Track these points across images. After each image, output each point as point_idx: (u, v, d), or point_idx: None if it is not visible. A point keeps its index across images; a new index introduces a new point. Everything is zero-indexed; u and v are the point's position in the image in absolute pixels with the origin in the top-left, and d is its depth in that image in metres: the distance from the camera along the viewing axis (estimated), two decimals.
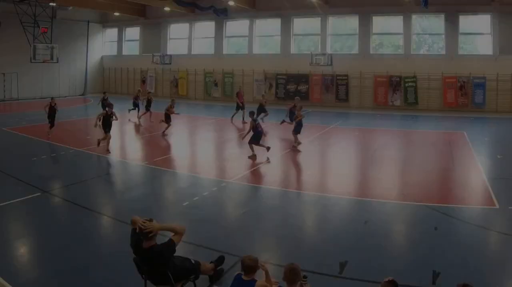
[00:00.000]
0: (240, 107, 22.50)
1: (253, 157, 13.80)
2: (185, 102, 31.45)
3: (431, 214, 8.93)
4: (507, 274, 6.54)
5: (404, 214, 9.23)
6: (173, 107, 18.64)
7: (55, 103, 17.24)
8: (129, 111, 22.64)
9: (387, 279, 4.23)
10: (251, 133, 13.93)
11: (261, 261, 4.89)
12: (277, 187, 11.07)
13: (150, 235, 4.98)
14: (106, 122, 14.56)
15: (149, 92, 22.95)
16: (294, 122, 16.18)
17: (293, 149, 15.24)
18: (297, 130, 15.50)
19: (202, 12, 31.50)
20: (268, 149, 13.99)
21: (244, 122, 21.44)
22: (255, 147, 13.92)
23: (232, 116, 22.34)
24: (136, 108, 22.39)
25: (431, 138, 18.20)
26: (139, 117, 21.54)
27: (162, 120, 18.47)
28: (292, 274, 4.40)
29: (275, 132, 18.97)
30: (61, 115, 18.81)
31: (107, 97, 21.26)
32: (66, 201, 9.68)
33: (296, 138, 15.48)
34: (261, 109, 20.62)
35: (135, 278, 5.42)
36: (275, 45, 31.45)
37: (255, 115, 14.84)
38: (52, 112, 16.96)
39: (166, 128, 18.22)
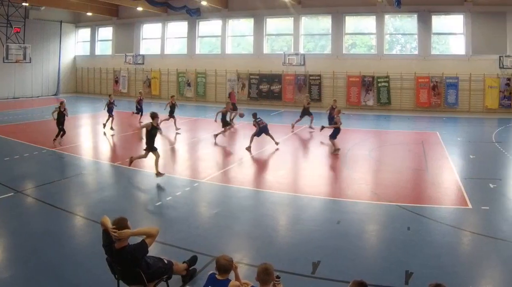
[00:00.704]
0: (233, 108, 21.12)
1: (248, 149, 14.68)
2: (158, 102, 30.70)
3: (404, 214, 8.89)
4: (480, 274, 6.50)
5: (377, 214, 9.16)
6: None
7: (65, 109, 15.56)
8: (132, 114, 21.18)
9: (356, 280, 4.13)
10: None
11: (234, 261, 4.86)
12: (250, 187, 10.98)
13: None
14: (151, 137, 11.41)
15: (172, 96, 20.29)
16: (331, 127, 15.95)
17: (334, 155, 14.45)
18: (333, 136, 14.99)
19: (175, 12, 31.01)
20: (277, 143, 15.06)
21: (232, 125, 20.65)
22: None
23: (232, 119, 20.90)
24: (140, 113, 20.94)
25: (404, 139, 17.94)
26: (140, 123, 19.88)
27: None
28: (264, 274, 4.38)
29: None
30: (34, 115, 18.51)
31: (113, 101, 19.44)
32: (39, 201, 9.48)
33: (334, 144, 14.86)
34: (306, 112, 19.49)
35: (108, 278, 5.40)
36: (248, 45, 31.01)
37: (257, 117, 15.38)
38: (61, 118, 15.40)
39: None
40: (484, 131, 20.68)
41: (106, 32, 36.70)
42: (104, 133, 18.26)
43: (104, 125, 18.52)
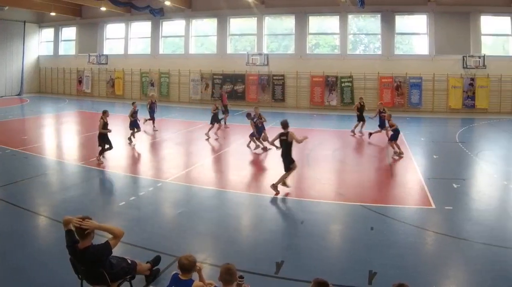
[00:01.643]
0: (225, 110, 20.45)
1: (264, 148, 14.88)
2: (121, 103, 30.43)
3: (368, 214, 8.83)
4: (443, 274, 6.41)
5: (341, 214, 9.12)
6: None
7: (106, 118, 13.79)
8: (144, 122, 18.78)
9: (317, 280, 4.11)
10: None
11: (198, 262, 4.83)
12: (213, 186, 10.84)
13: (86, 232, 4.91)
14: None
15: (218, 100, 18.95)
16: (385, 131, 15.84)
17: (397, 157, 13.88)
18: (394, 138, 14.51)
19: (138, 12, 30.44)
20: (264, 149, 14.53)
21: (226, 127, 19.81)
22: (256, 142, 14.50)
23: (224, 121, 20.07)
24: (152, 119, 19.17)
25: (366, 139, 17.49)
26: (155, 130, 18.66)
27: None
28: (227, 274, 4.38)
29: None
30: None
31: (137, 110, 16.57)
32: (2, 201, 9.28)
33: (394, 146, 14.33)
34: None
35: (71, 278, 5.33)
36: (211, 45, 30.43)
37: (253, 116, 15.11)
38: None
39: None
40: (448, 131, 20.39)
41: (69, 32, 35.89)
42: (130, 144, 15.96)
43: (130, 139, 15.94)
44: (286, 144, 10.11)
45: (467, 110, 26.15)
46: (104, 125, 13.04)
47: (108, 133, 13.14)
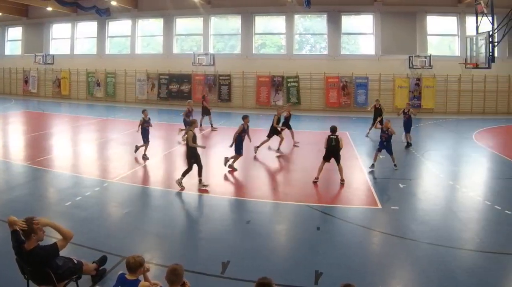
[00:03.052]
0: (206, 112, 19.55)
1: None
2: (68, 103, 29.93)
3: (314, 214, 8.80)
4: (390, 274, 6.43)
5: (287, 214, 9.04)
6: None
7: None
8: (180, 131, 16.53)
9: (260, 279, 4.10)
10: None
11: (145, 263, 4.74)
12: (160, 186, 10.73)
13: (32, 233, 4.88)
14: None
15: (290, 104, 17.43)
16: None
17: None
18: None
19: (85, 12, 29.60)
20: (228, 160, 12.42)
21: (213, 129, 19.10)
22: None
23: (211, 123, 19.48)
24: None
25: (313, 139, 17.20)
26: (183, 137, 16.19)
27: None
28: (172, 275, 4.31)
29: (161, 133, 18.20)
30: None
31: (149, 118, 14.00)
32: None
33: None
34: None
35: (18, 278, 5.26)
36: (157, 45, 29.70)
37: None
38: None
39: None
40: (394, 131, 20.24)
41: (15, 32, 34.71)
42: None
43: (146, 156, 13.70)
44: None
45: (413, 110, 26.11)
46: (194, 138, 10.47)
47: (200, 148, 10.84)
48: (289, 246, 7.49)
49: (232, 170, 12.26)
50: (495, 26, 19.34)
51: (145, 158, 13.37)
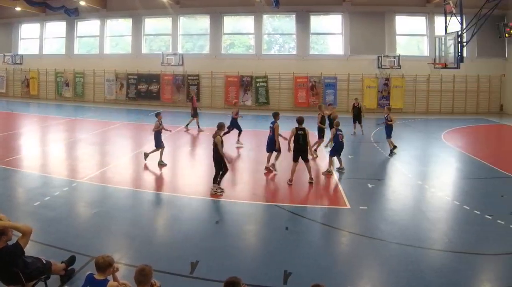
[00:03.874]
0: (194, 113, 19.06)
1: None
2: (36, 102, 29.48)
3: (283, 214, 8.75)
4: (358, 274, 6.42)
5: (256, 214, 8.95)
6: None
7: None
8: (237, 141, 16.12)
9: (229, 279, 4.12)
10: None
11: (114, 263, 4.74)
12: (129, 186, 10.62)
13: (3, 232, 4.90)
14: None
15: (331, 106, 16.83)
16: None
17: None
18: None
19: (53, 12, 29.24)
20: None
21: (200, 131, 18.70)
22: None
23: (197, 125, 19.03)
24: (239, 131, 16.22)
25: (281, 139, 16.90)
26: (239, 144, 15.86)
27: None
28: (140, 275, 4.31)
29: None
30: None
31: (161, 122, 12.95)
32: None
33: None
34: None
35: None
36: (126, 45, 29.34)
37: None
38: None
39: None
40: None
41: None
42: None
43: (162, 162, 12.87)
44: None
45: (382, 110, 25.89)
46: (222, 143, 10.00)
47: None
48: (258, 246, 7.47)
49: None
50: (464, 26, 19.32)
51: (161, 164, 12.52)
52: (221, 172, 10.04)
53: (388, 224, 8.30)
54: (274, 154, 12.40)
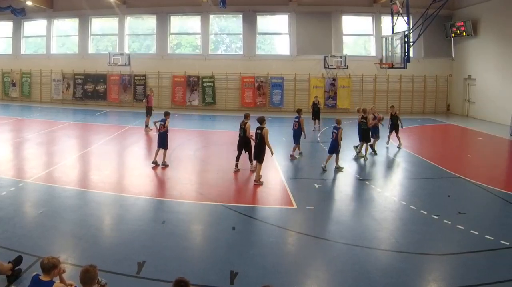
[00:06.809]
0: (147, 112, 18.66)
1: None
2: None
3: (229, 214, 8.78)
4: (305, 274, 6.43)
5: (202, 214, 8.98)
6: None
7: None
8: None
9: (177, 279, 4.14)
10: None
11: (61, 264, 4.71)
12: (75, 186, 10.51)
13: None
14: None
15: (392, 107, 16.69)
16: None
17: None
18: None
19: (0, 12, 28.45)
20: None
21: (147, 130, 18.42)
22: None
23: (147, 125, 18.59)
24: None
25: (228, 139, 16.89)
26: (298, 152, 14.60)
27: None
28: (84, 276, 4.32)
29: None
30: None
31: (163, 121, 13.04)
32: None
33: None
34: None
35: None
36: (73, 45, 28.73)
37: None
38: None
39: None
40: (310, 131, 19.36)
41: None
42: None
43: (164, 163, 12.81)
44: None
45: (329, 110, 26.00)
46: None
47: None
48: (204, 246, 7.48)
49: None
50: (411, 26, 19.39)
51: (165, 164, 12.52)
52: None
53: (334, 224, 8.43)
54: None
